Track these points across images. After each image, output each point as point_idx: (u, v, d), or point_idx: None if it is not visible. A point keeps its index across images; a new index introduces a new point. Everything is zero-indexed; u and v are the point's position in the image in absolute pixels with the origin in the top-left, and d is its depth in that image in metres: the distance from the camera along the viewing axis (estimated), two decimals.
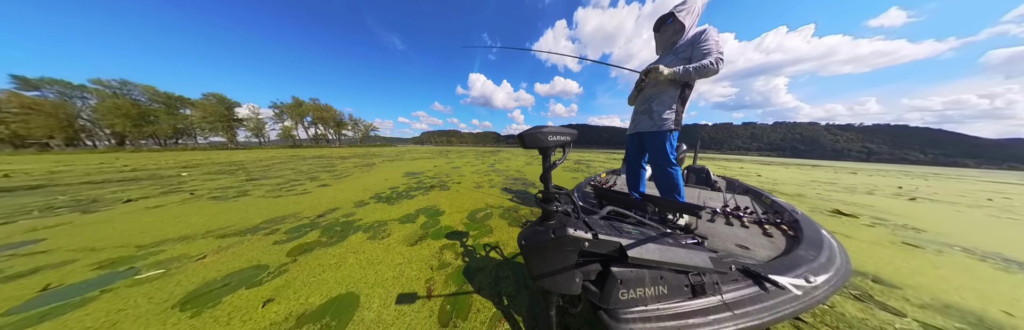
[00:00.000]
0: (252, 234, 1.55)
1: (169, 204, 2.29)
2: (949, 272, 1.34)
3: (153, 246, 1.38)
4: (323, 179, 3.73)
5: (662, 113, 1.32)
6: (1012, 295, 1.15)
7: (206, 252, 1.30)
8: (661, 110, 1.32)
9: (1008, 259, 1.58)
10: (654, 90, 1.36)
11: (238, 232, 1.57)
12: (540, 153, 0.59)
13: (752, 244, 1.08)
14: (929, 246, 1.72)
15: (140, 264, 1.19)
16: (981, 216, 2.83)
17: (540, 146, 0.56)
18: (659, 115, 1.32)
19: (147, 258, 1.25)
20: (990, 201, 3.92)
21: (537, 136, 0.54)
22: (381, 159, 8.23)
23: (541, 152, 0.58)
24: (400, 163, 6.74)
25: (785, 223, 1.31)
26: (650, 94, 1.38)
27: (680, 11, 1.28)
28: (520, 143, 0.56)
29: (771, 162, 21.13)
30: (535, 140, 0.55)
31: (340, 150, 18.67)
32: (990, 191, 5.31)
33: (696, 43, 1.23)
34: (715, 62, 1.17)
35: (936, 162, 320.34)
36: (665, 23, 1.36)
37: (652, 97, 1.36)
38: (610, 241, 0.58)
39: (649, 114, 1.37)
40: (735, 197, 1.92)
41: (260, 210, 2.06)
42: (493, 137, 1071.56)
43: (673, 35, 1.34)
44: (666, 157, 1.34)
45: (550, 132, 0.55)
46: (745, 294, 0.66)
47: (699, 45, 1.22)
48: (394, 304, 0.92)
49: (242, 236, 1.51)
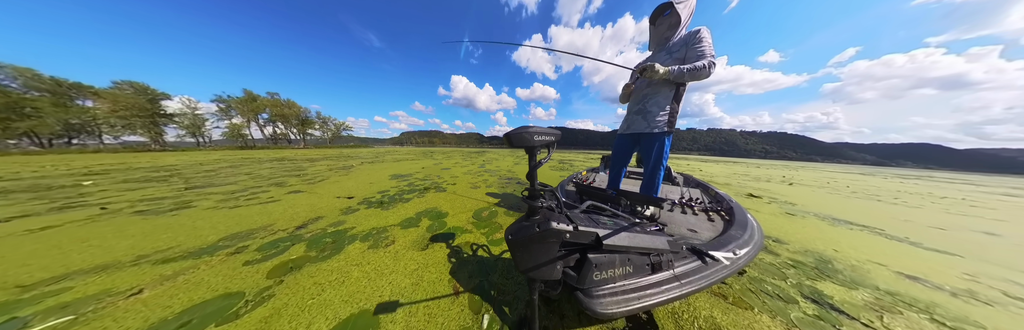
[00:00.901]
0: (210, 255, 1.19)
1: (68, 224, 1.65)
2: (808, 229, 1.92)
3: (49, 283, 0.96)
4: (293, 184, 3.12)
5: (657, 114, 1.26)
6: (836, 240, 1.72)
7: (142, 284, 0.95)
8: (656, 111, 1.25)
9: (836, 218, 2.33)
10: (649, 90, 1.29)
11: (187, 254, 1.19)
12: (526, 152, 0.59)
13: (699, 228, 1.23)
14: (798, 214, 2.42)
15: (28, 312, 0.81)
16: (823, 193, 4.00)
17: (526, 145, 0.56)
18: (653, 116, 1.26)
19: (40, 302, 0.86)
20: (827, 184, 5.54)
21: (524, 136, 0.55)
22: (359, 161, 7.25)
23: (527, 151, 0.59)
24: (382, 165, 6.00)
25: (723, 210, 1.51)
26: (645, 94, 1.30)
27: (678, 3, 1.18)
28: (507, 142, 0.56)
29: (707, 160, 24.59)
30: (522, 139, 0.55)
31: (307, 151, 16.05)
32: (827, 177, 7.36)
33: (691, 43, 1.16)
34: (708, 65, 1.10)
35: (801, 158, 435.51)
36: (662, 15, 1.26)
37: (647, 97, 1.29)
38: (588, 232, 0.63)
39: (644, 115, 1.30)
40: (689, 190, 2.18)
41: (214, 224, 1.61)
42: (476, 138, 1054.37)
43: (668, 30, 1.26)
44: (660, 159, 1.31)
45: (536, 132, 0.56)
46: (690, 267, 0.79)
47: (694, 46, 1.15)
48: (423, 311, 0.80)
49: (195, 259, 1.15)
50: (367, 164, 6.24)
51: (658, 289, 0.71)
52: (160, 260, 1.14)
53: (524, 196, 0.64)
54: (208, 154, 12.08)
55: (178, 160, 7.73)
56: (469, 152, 17.88)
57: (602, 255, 0.66)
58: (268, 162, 6.74)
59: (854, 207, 2.93)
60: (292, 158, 8.61)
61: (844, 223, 2.16)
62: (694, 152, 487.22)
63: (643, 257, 0.73)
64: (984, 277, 1.28)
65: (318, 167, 5.30)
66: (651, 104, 1.28)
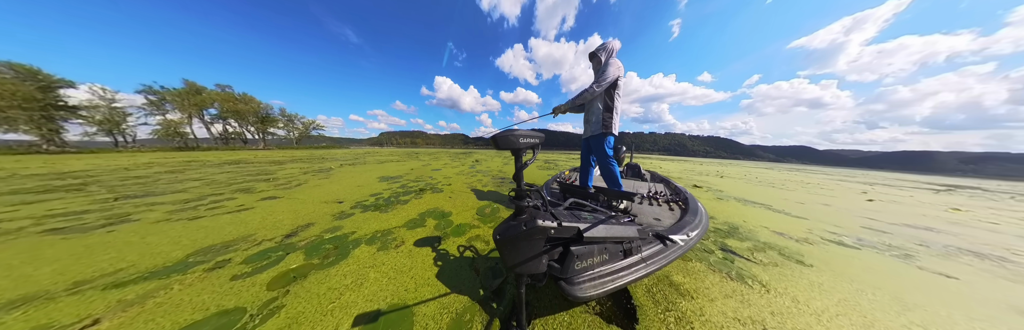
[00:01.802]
0: (181, 273, 0.99)
1: None
2: (729, 208, 2.46)
3: None
4: (264, 190, 2.68)
5: (594, 120, 1.61)
6: (744, 214, 2.25)
7: (95, 313, 0.77)
8: (596, 119, 1.59)
9: (746, 200, 3.00)
10: (590, 104, 1.65)
11: (148, 275, 0.98)
12: (512, 154, 0.59)
13: (662, 216, 1.40)
14: (725, 198, 3.04)
15: None
16: (741, 183, 4.87)
17: (512, 147, 0.56)
18: (594, 124, 1.61)
19: None
20: (744, 176, 6.75)
21: (510, 138, 0.54)
22: (338, 163, 6.44)
23: (513, 153, 0.58)
24: (366, 167, 5.37)
25: (681, 201, 1.74)
26: (588, 107, 1.66)
27: (599, 51, 1.62)
28: (493, 145, 0.55)
29: (665, 159, 27.66)
30: (508, 142, 0.54)
31: (269, 153, 13.50)
32: (744, 171, 9.00)
33: (603, 71, 1.54)
34: (592, 87, 1.49)
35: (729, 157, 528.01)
36: (592, 58, 1.69)
37: (589, 109, 1.66)
38: (571, 227, 0.64)
39: (589, 122, 1.65)
40: (654, 185, 2.49)
41: (174, 239, 1.33)
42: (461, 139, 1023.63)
43: (596, 64, 1.66)
44: (604, 154, 1.61)
45: (521, 135, 0.56)
46: (655, 250, 0.87)
47: (602, 72, 1.54)
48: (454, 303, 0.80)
49: (161, 279, 0.95)
50: (347, 166, 5.60)
51: (629, 271, 0.76)
52: (111, 284, 0.92)
53: (511, 196, 0.63)
54: (134, 157, 9.55)
55: (90, 164, 5.93)
56: (455, 153, 17.20)
57: (583, 247, 0.68)
58: (223, 165, 5.61)
59: (758, 192, 3.79)
60: (252, 161, 7.27)
61: (751, 203, 2.83)
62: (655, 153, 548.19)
63: (617, 245, 0.77)
64: (816, 231, 1.85)
65: (289, 170, 4.60)
66: (592, 113, 1.63)
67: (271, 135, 37.97)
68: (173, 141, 29.47)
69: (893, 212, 2.80)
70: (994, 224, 2.53)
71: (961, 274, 1.26)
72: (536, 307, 0.80)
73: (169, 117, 29.48)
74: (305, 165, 5.80)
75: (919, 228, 2.16)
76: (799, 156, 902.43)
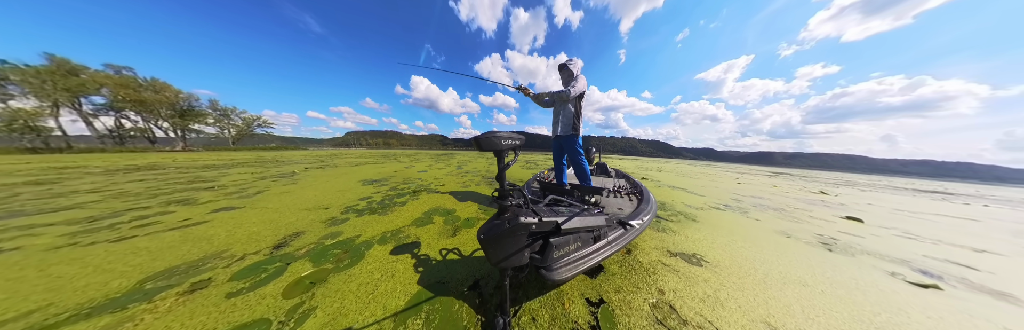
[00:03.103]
0: (143, 302, 0.78)
1: None
2: (663, 193, 3.16)
3: None
4: (212, 200, 2.13)
5: (563, 122, 1.74)
6: (672, 195, 2.99)
7: None
8: (566, 121, 1.73)
9: (674, 186, 3.93)
10: (558, 106, 1.77)
11: (89, 310, 0.75)
12: (495, 155, 0.58)
13: (624, 206, 1.53)
14: (662, 186, 3.82)
15: None
16: (673, 175, 6.17)
17: (495, 149, 0.55)
18: (564, 125, 1.74)
19: None
20: (675, 170, 8.42)
21: (492, 139, 0.54)
22: (301, 167, 5.35)
23: (496, 154, 0.57)
24: (339, 171, 4.61)
25: (638, 193, 1.93)
26: (557, 110, 1.78)
27: (569, 64, 1.77)
28: (476, 146, 0.54)
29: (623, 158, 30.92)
30: (490, 143, 0.53)
31: (194, 155, 10.03)
32: (674, 167, 11.19)
33: (572, 81, 1.73)
34: (567, 91, 1.65)
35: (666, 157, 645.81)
36: (562, 70, 1.83)
37: (558, 112, 1.78)
38: (550, 221, 0.66)
39: (559, 124, 1.78)
40: (618, 180, 2.76)
41: (102, 267, 1.00)
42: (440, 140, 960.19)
43: (566, 75, 1.81)
44: (575, 152, 1.75)
45: (503, 136, 0.55)
46: (618, 234, 0.96)
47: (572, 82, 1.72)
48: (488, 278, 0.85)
49: (117, 312, 0.74)
50: (315, 170, 4.75)
51: (598, 253, 0.82)
52: None
53: (494, 196, 0.63)
54: None
55: None
56: (436, 154, 16.01)
57: (561, 238, 0.70)
58: (124, 173, 4.07)
59: (681, 181, 4.90)
60: (170, 165, 5.46)
61: (677, 188, 3.69)
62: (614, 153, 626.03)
63: (589, 233, 0.83)
64: (706, 203, 2.64)
65: (237, 176, 3.69)
66: (561, 116, 1.76)
67: (196, 133, 27.63)
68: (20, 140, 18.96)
69: (746, 189, 4.18)
70: (787, 193, 4.15)
71: (763, 218, 2.17)
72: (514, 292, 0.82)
73: (15, 105, 18.98)
74: (257, 170, 4.71)
75: (756, 197, 3.36)
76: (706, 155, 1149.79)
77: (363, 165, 6.10)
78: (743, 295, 0.91)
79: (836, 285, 1.04)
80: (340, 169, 5.04)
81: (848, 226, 2.09)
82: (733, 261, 1.20)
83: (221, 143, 31.34)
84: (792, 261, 1.25)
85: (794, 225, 1.99)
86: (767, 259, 1.25)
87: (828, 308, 0.86)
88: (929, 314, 0.89)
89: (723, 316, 0.79)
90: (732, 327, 0.75)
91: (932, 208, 3.60)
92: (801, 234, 1.74)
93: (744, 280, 1.02)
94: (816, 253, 1.40)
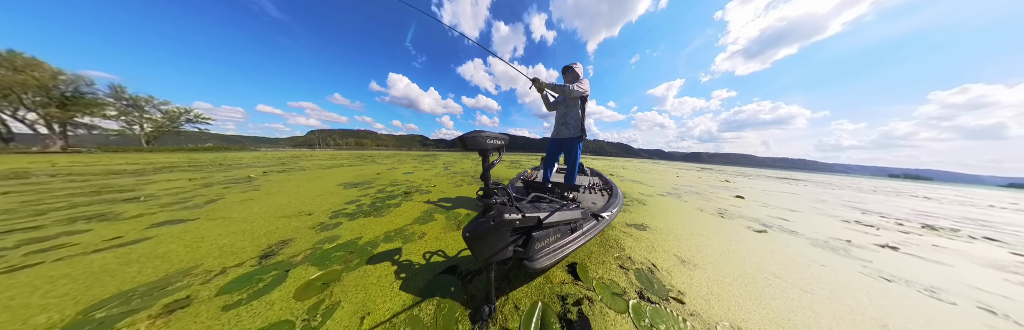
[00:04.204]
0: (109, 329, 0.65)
1: None
2: (625, 185, 3.67)
3: None
4: (146, 213, 1.64)
5: (573, 124, 1.66)
6: (631, 187, 3.59)
7: None
8: (574, 123, 1.66)
9: (633, 180, 4.64)
10: (565, 109, 1.68)
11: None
12: (479, 155, 0.57)
13: (597, 201, 1.59)
14: (624, 180, 4.37)
15: None
16: (634, 171, 7.18)
17: (480, 148, 0.54)
18: (571, 127, 1.66)
19: None
20: (635, 168, 9.85)
21: (478, 139, 0.52)
22: (258, 170, 4.38)
23: (480, 154, 0.56)
24: (309, 174, 3.95)
25: (608, 188, 2.00)
26: (564, 111, 1.69)
27: (574, 66, 1.71)
28: (461, 145, 0.53)
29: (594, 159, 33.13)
30: (476, 143, 0.52)
31: (88, 158, 6.71)
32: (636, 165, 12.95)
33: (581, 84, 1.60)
34: (573, 88, 1.54)
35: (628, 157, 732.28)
36: (566, 72, 1.75)
37: (566, 113, 1.68)
38: (532, 217, 0.67)
39: (566, 126, 1.68)
40: (592, 178, 2.92)
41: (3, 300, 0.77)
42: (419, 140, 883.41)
43: (571, 78, 1.72)
44: (576, 155, 1.72)
45: (488, 136, 0.54)
46: (591, 225, 1.00)
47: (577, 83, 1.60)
48: None
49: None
50: (277, 174, 3.94)
51: (575, 243, 0.85)
52: None
53: (479, 196, 0.63)
54: None
55: None
56: (419, 155, 14.69)
57: (542, 231, 0.73)
58: None
59: (638, 176, 5.78)
60: (51, 172, 3.54)
61: (635, 182, 4.35)
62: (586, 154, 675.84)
63: (567, 225, 0.86)
64: (654, 192, 3.23)
65: (167, 183, 2.82)
66: (570, 117, 1.67)
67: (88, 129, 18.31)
68: None
69: (682, 181, 5.17)
70: (706, 182, 5.26)
71: (688, 200, 2.83)
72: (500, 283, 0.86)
73: None
74: (194, 175, 3.68)
75: (687, 186, 4.26)
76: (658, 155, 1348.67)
77: (338, 168, 5.34)
78: (668, 244, 1.36)
79: (718, 234, 1.59)
80: (310, 172, 4.32)
81: (735, 202, 2.95)
82: (666, 227, 1.67)
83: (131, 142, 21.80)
84: (699, 224, 1.80)
85: (705, 203, 2.71)
86: (685, 224, 1.78)
87: (711, 246, 1.39)
88: (759, 243, 1.50)
89: (656, 257, 1.19)
90: (660, 261, 1.14)
91: (780, 188, 5.20)
92: (708, 208, 2.42)
93: (669, 236, 1.48)
94: (713, 219, 2.02)
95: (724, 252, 1.29)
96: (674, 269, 1.06)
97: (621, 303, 0.81)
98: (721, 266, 1.12)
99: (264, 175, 3.77)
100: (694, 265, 1.11)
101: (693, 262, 1.14)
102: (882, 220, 2.49)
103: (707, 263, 1.14)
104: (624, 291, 0.89)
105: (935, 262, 1.39)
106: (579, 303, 0.79)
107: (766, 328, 0.74)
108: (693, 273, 1.04)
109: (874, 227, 2.13)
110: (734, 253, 1.28)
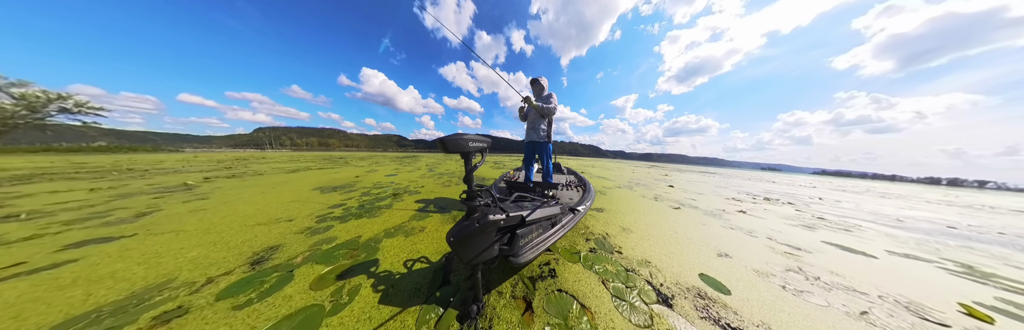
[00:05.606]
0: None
1: None
2: (594, 181, 4.08)
3: None
4: (44, 234, 1.19)
5: (540, 130, 1.86)
6: (602, 183, 4.04)
7: None
8: (540, 128, 1.85)
9: (601, 177, 5.34)
10: (534, 116, 1.88)
11: None
12: (462, 157, 0.55)
13: (573, 197, 1.73)
14: (593, 178, 4.87)
15: None
16: (601, 170, 8.16)
17: (462, 151, 0.51)
18: (541, 132, 1.86)
19: None
20: (603, 166, 11.06)
21: (459, 142, 0.51)
22: (197, 176, 3.43)
23: (463, 156, 0.54)
24: (269, 179, 3.28)
25: (582, 185, 2.21)
26: (533, 120, 1.89)
27: (540, 79, 1.86)
28: (442, 148, 0.50)
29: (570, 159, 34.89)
30: (457, 145, 0.50)
31: None
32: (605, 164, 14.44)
33: (546, 97, 1.81)
34: (552, 109, 1.76)
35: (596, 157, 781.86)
36: (534, 84, 1.91)
37: (535, 122, 1.89)
38: (516, 215, 0.67)
39: (536, 130, 1.88)
40: (569, 176, 3.13)
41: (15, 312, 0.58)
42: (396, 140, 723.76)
43: (538, 89, 1.88)
44: (548, 157, 1.92)
45: (470, 139, 0.52)
46: (569, 219, 1.05)
47: (549, 98, 1.80)
48: None
49: None
50: (225, 180, 3.14)
51: (554, 236, 0.88)
52: None
53: (462, 198, 0.59)
54: None
55: None
56: (398, 157, 13.26)
57: (526, 228, 0.73)
58: None
59: (604, 173, 6.71)
60: None
61: (601, 178, 5.00)
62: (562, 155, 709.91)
63: (548, 221, 0.88)
64: (614, 184, 3.87)
65: (50, 196, 2.00)
66: (538, 124, 1.87)
67: None
68: None
69: (636, 176, 6.13)
70: (653, 176, 6.43)
71: (637, 190, 3.44)
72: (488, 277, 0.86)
73: None
74: (98, 184, 2.67)
75: (640, 179, 5.22)
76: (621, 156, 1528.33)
77: (304, 171, 4.56)
78: (618, 220, 1.79)
79: (651, 212, 2.14)
80: (270, 177, 3.56)
81: (668, 190, 3.80)
82: (618, 209, 2.15)
83: None
84: (641, 206, 2.35)
85: (649, 191, 3.44)
86: (632, 206, 2.30)
87: (645, 219, 1.87)
88: (674, 215, 2.09)
89: (609, 229, 1.56)
90: (610, 231, 1.52)
91: (699, 179, 6.76)
92: (648, 195, 3.10)
93: (618, 215, 1.94)
94: (651, 202, 2.61)
95: (652, 222, 1.79)
96: (618, 234, 1.47)
97: (575, 258, 1.07)
98: (647, 230, 1.59)
99: (208, 181, 3.04)
100: (631, 231, 1.55)
101: (631, 229, 1.59)
102: (747, 196, 3.75)
103: (639, 229, 1.60)
104: (580, 251, 1.14)
105: (759, 218, 2.22)
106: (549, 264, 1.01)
107: (660, 257, 1.17)
108: (629, 236, 1.46)
109: (740, 200, 3.21)
110: (658, 222, 1.81)
